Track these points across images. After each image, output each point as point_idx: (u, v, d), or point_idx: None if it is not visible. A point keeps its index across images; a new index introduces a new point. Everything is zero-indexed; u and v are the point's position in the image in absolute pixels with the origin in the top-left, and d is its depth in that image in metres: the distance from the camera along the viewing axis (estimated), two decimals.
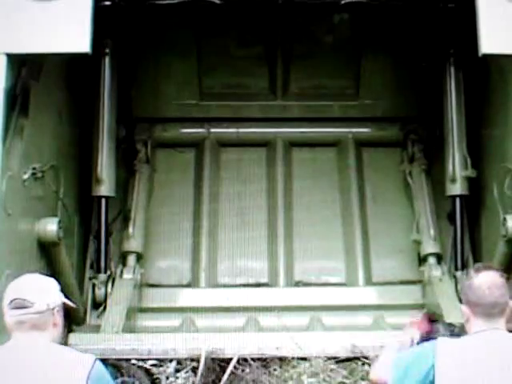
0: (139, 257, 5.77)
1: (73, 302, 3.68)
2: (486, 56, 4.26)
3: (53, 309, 3.35)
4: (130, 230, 5.83)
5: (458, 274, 5.68)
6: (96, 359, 3.28)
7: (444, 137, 5.92)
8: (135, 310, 5.53)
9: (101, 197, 5.74)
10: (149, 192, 6.14)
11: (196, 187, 6.25)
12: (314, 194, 6.25)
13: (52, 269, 4.82)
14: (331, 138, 6.49)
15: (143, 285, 5.74)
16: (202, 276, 5.88)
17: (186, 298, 5.72)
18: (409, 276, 5.90)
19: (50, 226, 4.67)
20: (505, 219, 4.90)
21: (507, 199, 5.05)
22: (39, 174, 4.69)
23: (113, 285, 5.56)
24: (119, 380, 4.48)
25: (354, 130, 6.46)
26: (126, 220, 5.91)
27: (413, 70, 6.32)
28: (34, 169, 4.61)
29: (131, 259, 5.73)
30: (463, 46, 5.07)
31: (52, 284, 3.47)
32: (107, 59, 5.79)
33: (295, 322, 5.52)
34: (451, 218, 5.90)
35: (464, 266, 5.74)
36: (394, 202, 6.22)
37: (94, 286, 5.60)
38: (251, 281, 5.90)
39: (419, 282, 5.80)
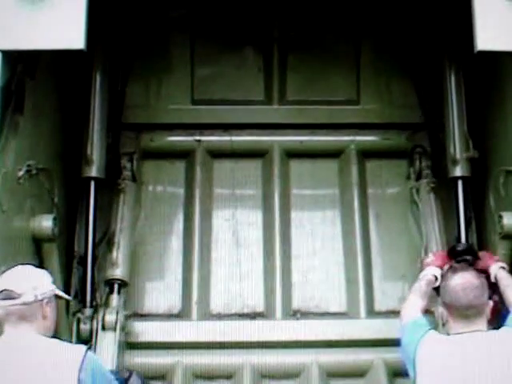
0: (124, 284, 5.42)
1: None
2: (482, 52, 4.26)
3: (41, 300, 3.42)
4: (114, 255, 5.46)
5: None
6: (87, 349, 3.37)
7: (444, 120, 5.68)
8: (123, 346, 5.19)
9: (90, 178, 5.51)
10: (135, 212, 5.76)
11: (187, 207, 5.87)
12: (313, 212, 5.92)
13: (44, 266, 4.71)
14: (332, 147, 6.09)
15: (131, 315, 5.38)
16: (193, 306, 5.54)
17: (177, 331, 5.35)
18: None
19: (46, 223, 4.73)
20: (500, 216, 4.98)
21: (502, 198, 5.13)
22: (34, 171, 4.74)
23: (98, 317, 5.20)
24: None
25: (357, 138, 6.07)
26: (109, 245, 5.53)
27: (413, 72, 6.12)
28: (28, 166, 4.66)
29: (116, 288, 5.38)
30: (462, 43, 4.88)
31: (43, 276, 3.58)
32: (100, 60, 5.62)
33: (291, 359, 5.28)
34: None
35: None
36: (399, 221, 5.89)
37: (78, 320, 5.22)
38: (246, 310, 5.57)
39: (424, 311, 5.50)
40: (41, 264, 4.86)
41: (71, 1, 4.23)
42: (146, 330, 5.32)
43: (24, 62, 4.54)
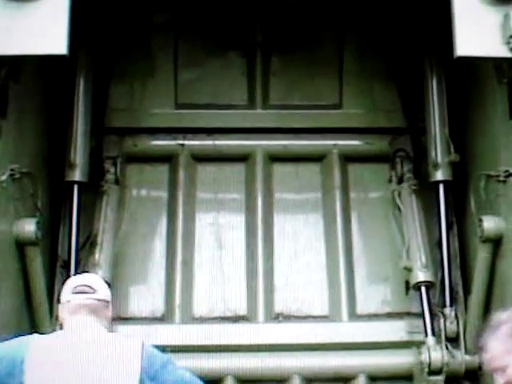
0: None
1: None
2: (461, 58, 4.32)
3: (108, 302, 3.73)
4: (97, 257, 5.47)
5: (447, 310, 5.45)
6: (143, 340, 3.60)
7: (426, 124, 5.73)
8: None
9: (73, 182, 5.56)
10: (118, 214, 5.76)
11: (170, 210, 5.87)
12: (296, 216, 5.94)
13: (26, 272, 4.96)
14: (315, 151, 6.11)
15: (113, 319, 5.36)
16: (176, 309, 5.55)
17: (160, 335, 5.37)
18: (395, 307, 5.66)
19: (29, 227, 4.80)
20: (480, 220, 5.00)
21: (483, 201, 5.15)
22: (17, 175, 4.78)
23: None
24: None
25: (340, 142, 6.09)
26: (92, 247, 5.53)
27: (396, 76, 6.13)
28: (12, 170, 4.70)
29: None
30: (443, 48, 4.91)
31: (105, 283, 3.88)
32: (83, 64, 5.66)
33: (273, 363, 5.32)
34: (440, 244, 5.63)
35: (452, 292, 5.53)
36: (380, 224, 5.91)
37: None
38: (229, 314, 5.59)
39: (405, 314, 5.58)
40: (24, 268, 4.93)
41: (53, 7, 4.25)
42: (128, 334, 5.30)
43: (8, 66, 4.56)
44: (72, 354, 3.53)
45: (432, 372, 5.20)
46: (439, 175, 5.63)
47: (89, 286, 3.70)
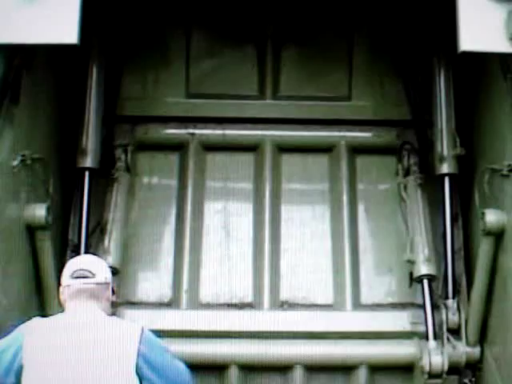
0: (115, 272, 5.49)
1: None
2: (466, 53, 4.37)
3: (108, 283, 3.84)
4: (106, 243, 5.57)
5: (449, 302, 5.52)
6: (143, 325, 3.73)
7: (433, 117, 5.79)
8: None
9: (85, 168, 5.66)
10: (128, 203, 5.85)
11: (179, 198, 5.96)
12: (303, 206, 6.00)
13: (36, 256, 5.04)
14: (323, 142, 6.17)
15: (121, 303, 5.49)
16: (183, 295, 5.65)
17: (166, 320, 5.46)
18: (398, 298, 5.73)
19: (39, 212, 4.87)
20: (483, 213, 5.03)
21: (487, 195, 5.20)
22: (29, 161, 4.84)
23: None
24: None
25: (348, 134, 6.15)
26: (102, 233, 5.64)
27: (404, 70, 6.19)
28: (23, 156, 4.77)
29: None
30: (451, 43, 4.88)
31: (105, 264, 4.00)
32: (95, 53, 5.77)
33: (277, 349, 5.41)
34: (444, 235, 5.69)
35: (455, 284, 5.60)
36: (386, 216, 5.97)
37: None
38: (235, 301, 5.67)
39: (409, 304, 5.65)
40: (34, 251, 5.02)
41: None
42: (136, 318, 5.35)
43: (21, 54, 4.66)
44: (70, 335, 3.63)
45: (432, 376, 5.27)
46: (445, 168, 5.68)
47: (88, 271, 3.79)
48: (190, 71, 6.15)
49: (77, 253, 5.53)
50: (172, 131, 6.13)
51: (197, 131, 6.11)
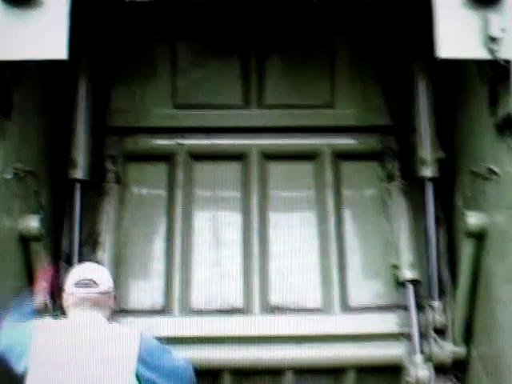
0: None
1: None
2: (443, 60, 4.49)
3: (110, 293, 4.02)
4: (99, 254, 5.70)
5: (435, 303, 5.65)
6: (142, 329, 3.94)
7: (414, 123, 5.90)
8: None
9: (76, 180, 5.77)
10: (119, 212, 5.96)
11: (169, 207, 6.06)
12: (290, 212, 6.11)
13: (31, 266, 5.10)
14: (308, 149, 6.29)
15: (115, 311, 5.55)
16: (175, 302, 5.76)
17: (159, 326, 5.56)
18: (385, 300, 5.85)
19: (32, 223, 4.99)
20: (464, 215, 5.16)
21: (468, 197, 5.38)
22: (21, 174, 4.98)
23: None
24: None
25: (332, 141, 6.28)
26: (95, 243, 5.76)
27: (386, 77, 6.31)
28: (16, 169, 4.90)
29: None
30: (431, 49, 5.00)
31: (108, 272, 4.16)
32: (84, 66, 5.88)
33: (269, 353, 5.54)
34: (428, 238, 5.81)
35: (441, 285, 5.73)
36: (372, 221, 6.09)
37: None
38: (226, 306, 5.78)
39: (395, 307, 5.77)
40: (28, 263, 5.10)
41: (54, 14, 4.42)
42: (130, 325, 5.51)
43: (11, 69, 4.72)
44: (71, 336, 3.79)
45: None
46: (427, 172, 5.80)
47: (92, 280, 3.94)
48: (176, 83, 6.25)
49: (70, 263, 5.60)
50: (160, 142, 6.23)
51: (185, 141, 6.22)
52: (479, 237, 5.14)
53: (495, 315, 4.99)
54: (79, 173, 5.77)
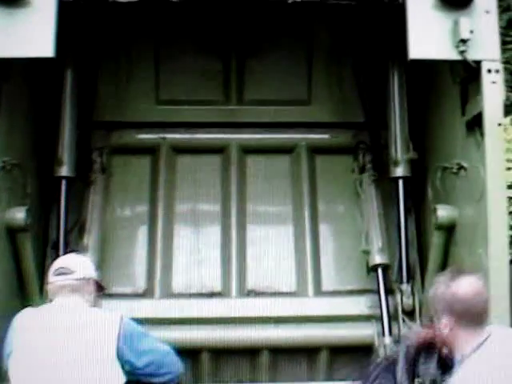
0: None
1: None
2: (414, 61, 4.65)
3: (88, 279, 4.18)
4: (85, 240, 5.95)
5: (403, 286, 5.91)
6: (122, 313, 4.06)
7: (387, 122, 6.14)
8: None
9: (61, 177, 5.94)
10: (104, 201, 6.22)
11: (152, 197, 6.33)
12: (267, 202, 6.39)
13: (17, 256, 5.26)
14: (285, 144, 6.57)
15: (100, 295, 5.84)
16: (156, 286, 6.01)
17: (141, 309, 5.81)
18: (356, 285, 6.12)
19: (19, 214, 5.13)
20: (435, 209, 5.33)
21: (439, 192, 5.54)
22: (8, 167, 5.07)
23: None
24: None
25: (307, 135, 6.56)
26: (81, 231, 6.01)
27: (361, 75, 6.56)
28: (3, 162, 5.00)
29: None
30: (404, 50, 5.22)
31: (89, 261, 4.38)
32: (70, 64, 6.07)
33: (245, 334, 5.79)
34: (399, 226, 6.08)
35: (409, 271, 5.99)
36: (344, 210, 6.38)
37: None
38: (204, 290, 6.03)
39: (366, 291, 6.04)
40: (15, 252, 5.29)
41: (42, 13, 4.58)
42: (114, 308, 5.59)
43: None
44: (52, 322, 3.98)
45: None
46: (399, 172, 6.05)
47: (67, 268, 4.15)
48: (159, 80, 6.52)
49: (56, 250, 5.86)
50: (144, 136, 6.51)
51: (167, 135, 6.49)
52: (449, 229, 5.34)
53: None
54: (64, 170, 5.99)
